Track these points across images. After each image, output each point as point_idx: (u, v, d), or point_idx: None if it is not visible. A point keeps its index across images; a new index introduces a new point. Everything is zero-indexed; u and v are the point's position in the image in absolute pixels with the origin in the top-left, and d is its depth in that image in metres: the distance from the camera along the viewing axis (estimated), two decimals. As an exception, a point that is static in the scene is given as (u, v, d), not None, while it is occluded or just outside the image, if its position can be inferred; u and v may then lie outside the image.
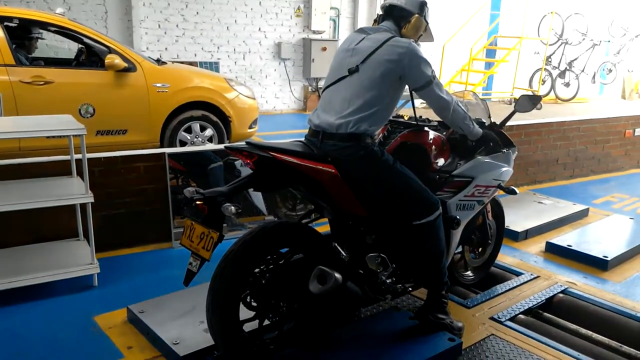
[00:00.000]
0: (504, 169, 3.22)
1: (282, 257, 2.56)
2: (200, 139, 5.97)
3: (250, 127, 6.41)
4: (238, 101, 6.21)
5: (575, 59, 14.06)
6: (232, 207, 2.29)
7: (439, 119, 2.96)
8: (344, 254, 2.58)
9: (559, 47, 13.96)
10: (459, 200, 3.00)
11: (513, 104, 3.19)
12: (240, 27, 10.15)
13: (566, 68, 13.90)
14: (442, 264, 2.81)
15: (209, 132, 6.03)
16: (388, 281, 2.78)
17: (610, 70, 15.32)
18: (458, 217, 2.96)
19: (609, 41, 15.50)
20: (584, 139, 6.70)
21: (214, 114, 6.03)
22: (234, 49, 10.20)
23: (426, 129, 3.04)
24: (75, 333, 2.92)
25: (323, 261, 2.49)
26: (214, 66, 9.83)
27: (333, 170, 2.53)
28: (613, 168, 7.19)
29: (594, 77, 15.10)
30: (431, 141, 3.01)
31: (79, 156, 3.35)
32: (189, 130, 5.94)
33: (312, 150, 2.59)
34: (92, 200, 3.31)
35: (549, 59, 13.71)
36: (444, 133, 3.15)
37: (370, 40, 2.61)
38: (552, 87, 13.68)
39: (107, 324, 2.99)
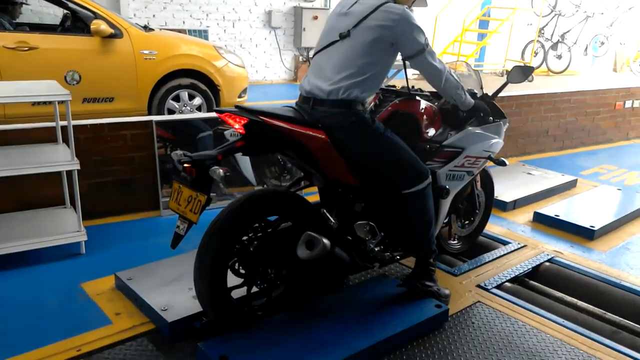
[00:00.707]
0: (494, 140, 3.22)
1: (270, 225, 2.56)
2: (189, 108, 5.89)
3: (239, 97, 6.33)
4: (227, 69, 6.12)
5: (568, 31, 13.96)
6: (220, 170, 2.26)
7: (431, 89, 2.95)
8: (333, 221, 2.57)
9: (552, 18, 13.84)
10: (449, 171, 3.01)
11: (505, 76, 3.16)
12: (229, -6, 9.97)
13: (559, 40, 13.80)
14: (431, 232, 2.82)
15: (197, 100, 5.95)
16: (376, 249, 2.79)
17: (603, 43, 15.24)
18: (447, 187, 2.96)
19: (602, 13, 15.38)
20: (574, 111, 6.70)
21: (202, 82, 5.94)
22: (224, 17, 10.01)
23: (418, 98, 3.01)
24: (62, 300, 2.91)
25: (311, 228, 2.48)
26: (203, 34, 9.66)
27: (323, 137, 2.50)
28: (602, 140, 7.22)
29: (586, 49, 15.03)
30: (422, 111, 2.98)
31: (65, 123, 3.30)
32: (177, 98, 5.86)
33: (303, 116, 2.56)
34: (78, 167, 3.27)
35: (542, 31, 13.60)
36: (436, 103, 3.13)
37: (364, 5, 2.55)
38: (545, 59, 13.61)
39: (94, 291, 2.99)
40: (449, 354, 2.54)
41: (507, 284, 3.27)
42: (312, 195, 3.10)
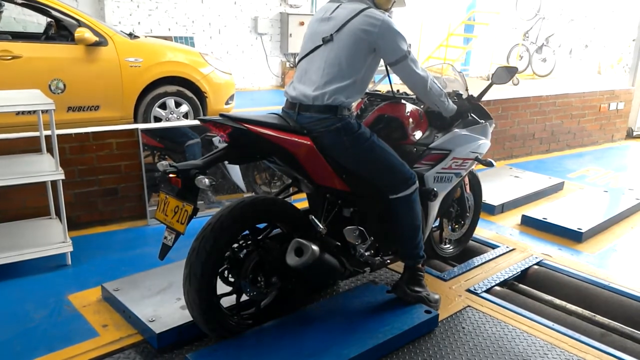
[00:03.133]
0: (481, 141, 3.23)
1: (259, 232, 2.55)
2: (175, 115, 5.86)
3: (226, 103, 6.31)
4: (214, 76, 6.10)
5: (552, 35, 14.11)
6: (206, 180, 2.25)
7: None
8: (321, 227, 2.55)
9: (536, 22, 13.98)
10: (437, 173, 3.01)
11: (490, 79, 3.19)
12: (215, 1, 9.93)
13: (543, 44, 13.95)
14: (418, 237, 2.82)
15: (184, 108, 5.92)
16: (366, 254, 2.78)
17: (587, 46, 15.42)
18: (435, 189, 2.96)
19: (585, 17, 15.57)
20: (560, 114, 6.75)
21: (189, 89, 5.91)
22: (210, 24, 9.99)
23: (403, 102, 3.01)
24: (48, 312, 2.86)
25: (301, 235, 2.48)
26: (189, 41, 9.62)
27: (309, 142, 2.50)
28: (588, 142, 7.28)
29: (570, 52, 15.20)
30: (408, 114, 2.98)
31: (49, 132, 3.25)
32: (163, 106, 5.82)
33: (288, 122, 2.55)
34: (63, 177, 3.22)
35: (527, 35, 13.74)
36: (422, 106, 3.12)
37: (346, 10, 2.56)
38: (529, 62, 13.74)
39: (81, 303, 2.94)
40: (439, 359, 2.54)
41: (497, 287, 3.28)
42: (302, 202, 3.08)
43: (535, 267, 3.59)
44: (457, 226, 3.61)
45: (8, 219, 3.60)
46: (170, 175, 2.27)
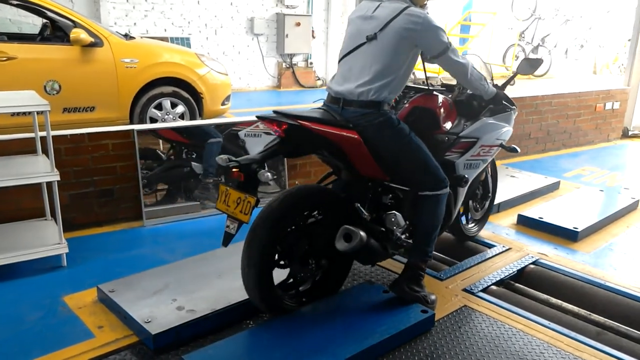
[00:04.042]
0: (505, 129, 3.42)
1: (306, 219, 2.71)
2: (171, 116, 5.85)
3: (223, 104, 6.30)
4: (210, 77, 6.09)
5: (548, 35, 14.15)
6: (268, 174, 2.45)
7: (445, 82, 3.28)
8: (366, 214, 2.74)
9: (532, 22, 14.02)
10: (466, 160, 3.19)
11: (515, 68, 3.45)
12: (211, 1, 9.93)
13: (539, 44, 13.99)
14: (433, 236, 2.90)
15: (180, 109, 5.90)
16: (402, 237, 2.93)
17: (582, 46, 15.47)
18: (466, 175, 3.15)
19: (581, 17, 15.62)
20: (556, 114, 6.76)
21: (185, 90, 5.90)
22: (206, 24, 9.98)
23: (435, 93, 3.16)
24: (43, 314, 2.85)
25: (346, 221, 2.65)
26: (185, 42, 9.61)
27: (356, 136, 2.65)
28: (584, 142, 7.30)
29: (566, 52, 15.24)
30: (440, 105, 3.14)
31: (44, 134, 3.25)
32: (159, 107, 5.81)
33: (334, 117, 2.70)
34: (58, 179, 3.21)
35: (522, 35, 13.77)
36: (449, 96, 3.28)
37: (387, 9, 2.69)
38: (525, 62, 13.76)
39: (76, 304, 2.93)
40: (436, 359, 2.54)
41: (493, 287, 3.28)
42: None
43: (532, 266, 3.59)
44: (480, 207, 3.86)
45: (3, 220, 3.59)
46: (233, 169, 2.43)
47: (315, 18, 11.22)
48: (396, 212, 2.85)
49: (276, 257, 2.62)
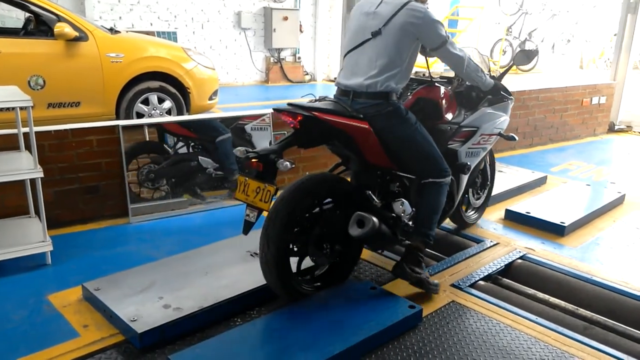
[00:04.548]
0: (502, 118, 3.58)
1: (322, 206, 2.79)
2: (158, 111, 5.79)
3: (210, 99, 6.26)
4: (197, 72, 6.04)
5: (535, 30, 14.21)
6: (287, 163, 2.52)
7: (444, 74, 3.49)
8: (377, 201, 2.89)
9: (519, 17, 14.06)
10: (468, 148, 3.34)
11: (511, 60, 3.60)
12: (198, -5, 9.85)
13: (526, 38, 14.04)
14: (434, 219, 3.01)
15: (167, 104, 5.85)
16: (410, 223, 3.03)
17: (569, 41, 15.56)
18: (468, 163, 3.33)
19: (568, 11, 15.70)
20: (543, 108, 6.80)
21: (172, 85, 5.85)
22: (192, 18, 9.89)
23: (437, 85, 3.30)
24: (27, 312, 2.81)
25: (358, 208, 2.76)
26: (171, 36, 9.52)
27: (366, 126, 2.77)
28: (570, 136, 7.34)
29: (553, 47, 15.32)
30: (442, 96, 3.29)
31: (27, 130, 3.19)
32: (146, 102, 5.75)
33: (346, 108, 2.81)
34: (42, 175, 3.16)
35: (510, 30, 13.82)
36: (449, 87, 3.43)
37: (390, 5, 2.82)
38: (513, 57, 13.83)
39: (61, 303, 2.90)
40: (424, 355, 2.53)
41: (481, 282, 3.28)
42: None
43: (519, 261, 3.60)
44: (479, 194, 4.00)
45: (-14, 218, 3.53)
46: (253, 160, 2.52)
47: (303, 12, 11.17)
48: (404, 199, 2.97)
49: (291, 245, 2.70)
